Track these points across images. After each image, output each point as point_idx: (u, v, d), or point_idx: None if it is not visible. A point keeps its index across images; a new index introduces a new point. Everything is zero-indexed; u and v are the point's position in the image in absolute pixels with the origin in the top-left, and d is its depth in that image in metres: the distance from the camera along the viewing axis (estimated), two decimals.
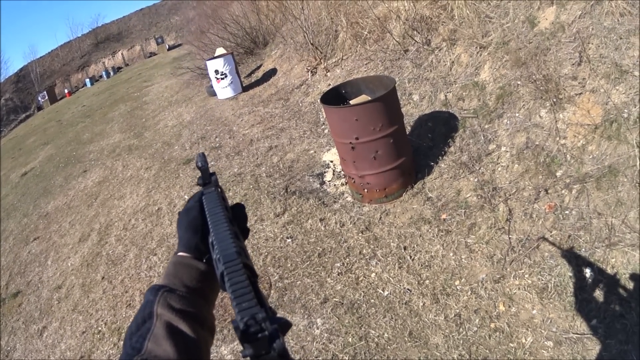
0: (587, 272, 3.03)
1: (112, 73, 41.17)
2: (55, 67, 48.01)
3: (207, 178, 1.04)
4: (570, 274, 3.12)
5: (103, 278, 6.00)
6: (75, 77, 45.48)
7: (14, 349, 5.57)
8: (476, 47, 5.26)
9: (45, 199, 10.66)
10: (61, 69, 47.34)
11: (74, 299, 5.89)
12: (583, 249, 3.17)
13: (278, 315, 0.60)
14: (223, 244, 0.78)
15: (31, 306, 6.30)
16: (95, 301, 5.59)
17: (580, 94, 3.81)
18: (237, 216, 1.00)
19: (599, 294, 2.92)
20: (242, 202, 5.35)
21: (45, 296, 6.37)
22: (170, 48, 40.13)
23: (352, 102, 5.13)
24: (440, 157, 4.97)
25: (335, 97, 5.19)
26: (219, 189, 1.03)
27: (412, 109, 5.85)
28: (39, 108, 38.56)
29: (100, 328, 5.02)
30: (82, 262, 6.69)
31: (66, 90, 40.17)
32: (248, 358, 0.57)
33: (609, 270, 2.96)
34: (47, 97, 38.17)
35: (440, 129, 5.28)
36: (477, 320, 3.21)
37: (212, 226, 0.86)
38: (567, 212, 3.45)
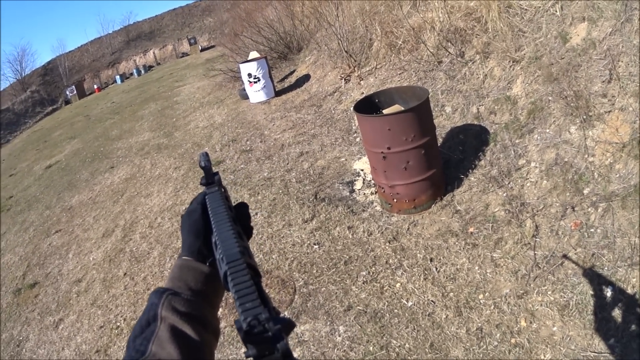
0: (608, 291, 3.15)
1: (143, 71, 41.81)
2: (84, 62, 49.01)
3: (210, 178, 1.03)
4: (592, 292, 3.24)
5: (125, 274, 6.20)
6: (105, 73, 46.37)
7: (26, 339, 5.77)
8: (509, 61, 5.38)
9: (70, 193, 10.98)
10: (91, 64, 48.30)
11: (94, 293, 6.09)
12: (606, 268, 3.29)
13: (291, 318, 0.71)
14: (226, 243, 0.79)
15: (48, 298, 6.52)
16: (116, 297, 5.78)
17: (609, 111, 3.92)
18: (240, 215, 1.01)
19: (618, 313, 3.03)
20: (271, 207, 5.53)
21: (64, 289, 6.57)
22: (202, 49, 40.63)
23: (385, 111, 5.27)
24: (470, 170, 5.11)
25: (368, 106, 5.34)
26: (223, 189, 1.03)
27: (444, 121, 5.99)
28: (67, 102, 39.64)
29: (119, 323, 5.20)
30: (105, 257, 6.90)
31: (95, 86, 41.10)
32: (251, 358, 0.58)
33: (629, 290, 3.08)
34: (75, 92, 39.22)
35: (471, 142, 5.41)
36: (498, 334, 3.35)
37: (215, 226, 0.87)
38: (592, 230, 3.57)
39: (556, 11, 4.99)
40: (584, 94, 4.14)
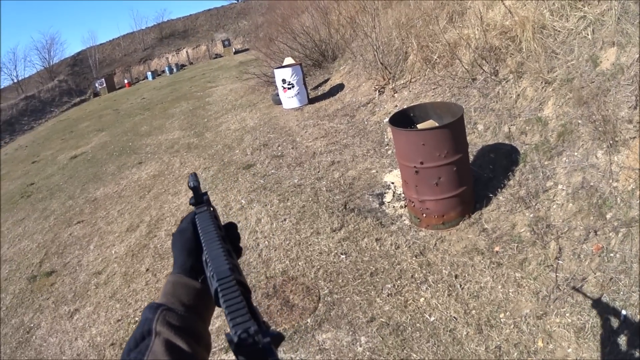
0: (622, 315, 3.35)
1: (175, 69, 42.42)
2: (115, 56, 49.81)
3: (200, 198, 1.09)
4: (607, 316, 3.45)
5: (147, 270, 6.41)
6: (137, 69, 47.09)
7: (38, 327, 6.00)
8: (541, 82, 5.58)
9: (95, 185, 11.36)
10: (122, 58, 49.08)
11: (114, 286, 6.31)
12: (621, 292, 3.50)
13: (274, 329, 0.74)
14: (216, 261, 0.83)
15: (65, 287, 6.75)
16: (136, 292, 5.99)
17: (634, 137, 4.11)
18: (230, 235, 1.06)
19: (630, 338, 3.24)
20: (300, 214, 5.79)
21: (82, 279, 6.81)
22: (236, 52, 41.16)
23: (419, 126, 5.49)
24: (499, 190, 5.33)
25: (403, 120, 5.56)
26: (212, 208, 1.09)
27: (476, 139, 6.21)
28: (96, 94, 40.72)
29: (137, 318, 5.36)
30: (127, 252, 7.15)
31: (126, 81, 42.14)
32: None
33: None
34: (105, 85, 40.30)
35: (501, 161, 5.63)
36: (515, 353, 3.57)
37: (205, 244, 0.92)
38: (611, 254, 3.77)
39: (588, 34, 5.19)
40: (612, 119, 4.34)
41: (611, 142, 4.28)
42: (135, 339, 0.86)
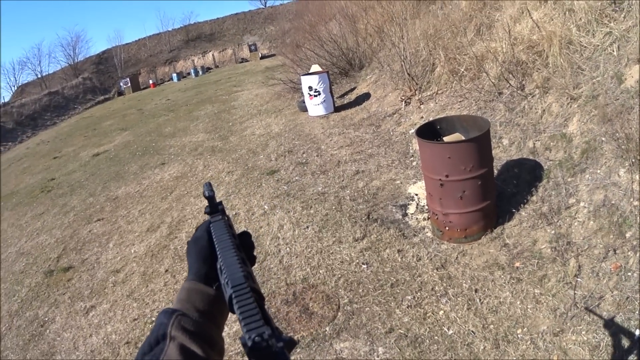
0: (635, 335, 3.44)
1: (200, 72, 43.23)
2: (141, 56, 50.82)
3: (215, 207, 1.12)
4: (622, 335, 3.55)
5: (167, 271, 6.56)
6: (162, 70, 47.96)
7: (52, 321, 6.17)
8: (567, 98, 5.68)
9: (116, 183, 11.63)
10: (147, 59, 50.06)
11: (132, 285, 6.46)
12: (637, 311, 3.60)
13: (290, 335, 0.90)
14: (231, 268, 0.86)
15: (82, 284, 6.93)
16: (154, 292, 6.13)
17: None
18: (244, 244, 1.10)
19: None
20: (323, 222, 5.93)
21: (100, 277, 6.99)
22: (262, 57, 41.63)
23: (446, 139, 5.61)
24: (521, 205, 5.42)
25: (429, 131, 5.68)
26: (227, 217, 1.12)
27: (501, 153, 6.32)
28: (120, 93, 41.99)
29: (154, 319, 5.37)
30: (147, 252, 7.32)
31: (151, 81, 43.24)
32: None
33: None
34: (129, 84, 41.51)
35: (525, 176, 5.72)
36: None
37: (220, 252, 0.95)
38: (629, 273, 3.87)
39: (613, 51, 5.30)
40: (635, 137, 4.43)
41: (633, 160, 4.37)
42: (150, 343, 0.89)
